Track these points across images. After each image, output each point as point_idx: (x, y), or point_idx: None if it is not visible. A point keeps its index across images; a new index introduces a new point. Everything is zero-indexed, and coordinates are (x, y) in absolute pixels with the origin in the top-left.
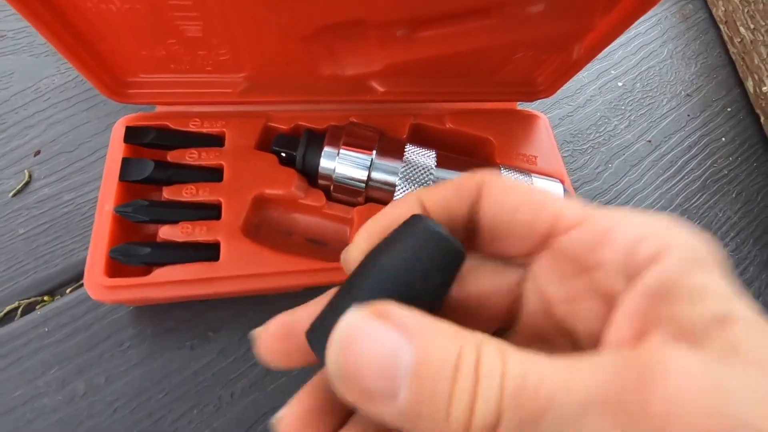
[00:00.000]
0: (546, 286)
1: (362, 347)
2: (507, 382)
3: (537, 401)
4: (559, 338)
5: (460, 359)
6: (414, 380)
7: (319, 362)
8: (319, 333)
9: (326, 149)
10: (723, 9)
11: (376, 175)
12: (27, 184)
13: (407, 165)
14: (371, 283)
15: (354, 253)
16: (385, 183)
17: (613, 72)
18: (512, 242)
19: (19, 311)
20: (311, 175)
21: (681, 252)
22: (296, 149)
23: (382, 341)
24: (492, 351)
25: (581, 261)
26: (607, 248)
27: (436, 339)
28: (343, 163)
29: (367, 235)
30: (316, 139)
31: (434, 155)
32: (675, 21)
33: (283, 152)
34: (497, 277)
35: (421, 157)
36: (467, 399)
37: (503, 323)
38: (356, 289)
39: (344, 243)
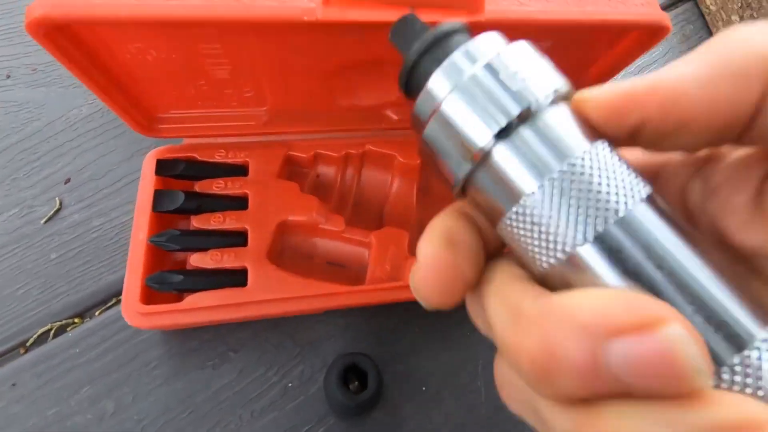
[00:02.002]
0: None
1: None
2: None
3: None
4: None
5: None
6: None
7: None
8: None
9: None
10: (722, 29)
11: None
12: (58, 211)
13: None
14: None
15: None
16: None
17: None
18: None
19: (51, 333)
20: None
21: None
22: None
23: None
24: None
25: None
26: None
27: None
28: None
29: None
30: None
31: None
32: (676, 41)
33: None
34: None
35: None
36: None
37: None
38: None
39: (363, 265)
